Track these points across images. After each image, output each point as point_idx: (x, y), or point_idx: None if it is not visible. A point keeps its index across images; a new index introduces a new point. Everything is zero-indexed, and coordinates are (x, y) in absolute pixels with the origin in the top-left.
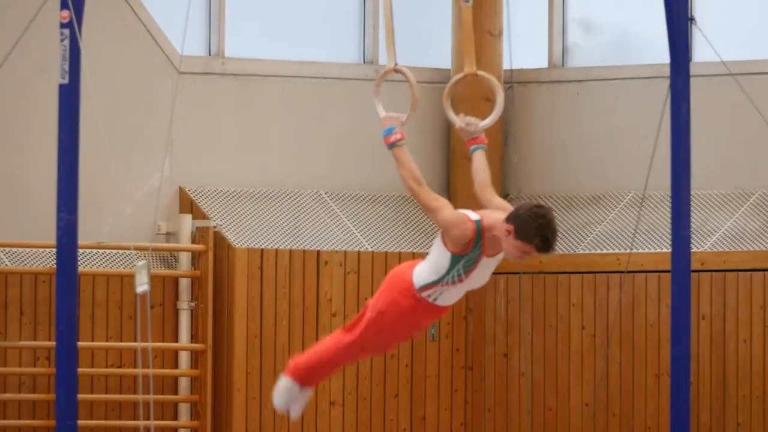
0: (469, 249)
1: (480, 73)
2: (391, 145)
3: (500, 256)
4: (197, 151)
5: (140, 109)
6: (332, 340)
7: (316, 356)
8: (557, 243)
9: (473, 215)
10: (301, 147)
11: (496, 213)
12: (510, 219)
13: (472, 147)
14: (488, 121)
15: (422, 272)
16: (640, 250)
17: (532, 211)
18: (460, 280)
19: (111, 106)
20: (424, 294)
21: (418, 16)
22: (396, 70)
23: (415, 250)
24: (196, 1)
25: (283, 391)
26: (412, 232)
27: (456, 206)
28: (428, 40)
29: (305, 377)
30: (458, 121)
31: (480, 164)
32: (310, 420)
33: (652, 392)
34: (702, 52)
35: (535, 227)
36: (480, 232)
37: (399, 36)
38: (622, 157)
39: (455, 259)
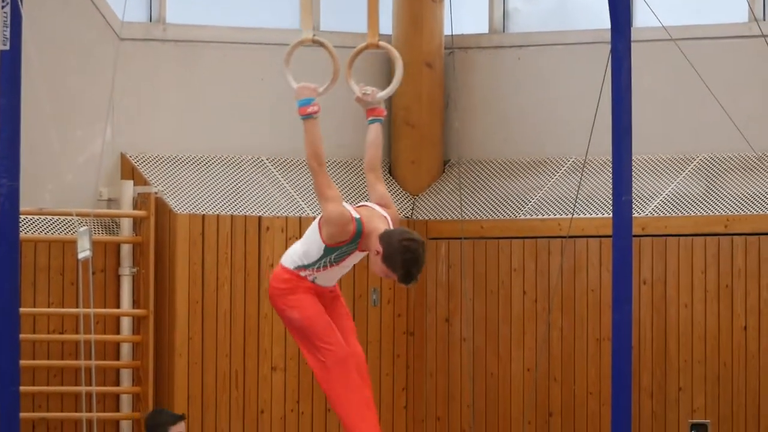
0: (342, 245)
1: (381, 44)
2: (307, 116)
3: None
4: (139, 118)
5: (81, 76)
6: (329, 391)
7: (350, 416)
8: (419, 275)
9: (356, 214)
10: (242, 113)
11: (378, 220)
12: (382, 240)
13: (369, 119)
14: (386, 92)
15: (295, 253)
16: (582, 216)
17: (403, 245)
18: (332, 266)
19: (52, 72)
20: (301, 273)
21: None
22: (314, 41)
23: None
24: None
25: None
26: (353, 197)
27: (396, 173)
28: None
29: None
30: (357, 90)
31: (374, 138)
32: (252, 385)
33: (593, 357)
34: (643, 17)
35: (402, 260)
36: (359, 233)
37: (339, 1)
38: (563, 123)
39: (328, 251)
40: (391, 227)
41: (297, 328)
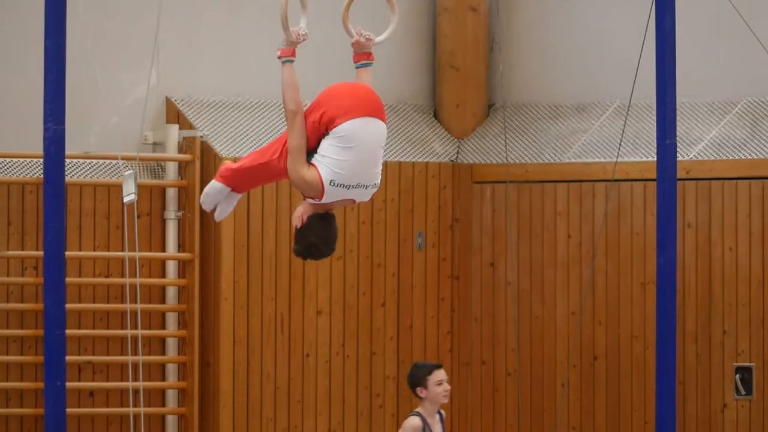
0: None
1: None
2: (279, 59)
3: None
4: (184, 61)
5: (126, 19)
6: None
7: (245, 165)
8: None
9: (318, 202)
10: None
11: (336, 207)
12: (311, 221)
13: (359, 62)
14: (383, 36)
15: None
16: (626, 159)
17: (310, 248)
18: None
19: (97, 15)
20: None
21: None
22: None
23: (401, 159)
24: None
25: (212, 192)
26: (399, 141)
27: (440, 117)
28: None
29: (235, 182)
30: (354, 34)
31: (369, 81)
32: (297, 329)
33: (638, 300)
34: None
35: (297, 249)
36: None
37: None
38: (608, 67)
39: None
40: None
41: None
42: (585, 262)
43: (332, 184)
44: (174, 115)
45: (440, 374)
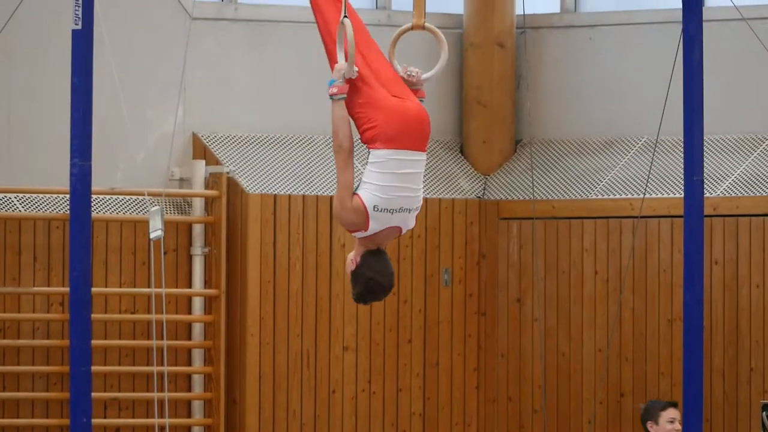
0: None
1: (427, 25)
2: (330, 97)
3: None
4: (210, 97)
5: (153, 55)
6: None
7: None
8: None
9: (363, 234)
10: (314, 92)
11: (383, 238)
12: (364, 260)
13: None
14: (431, 73)
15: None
16: (653, 195)
17: (371, 284)
18: None
19: (124, 51)
20: None
21: None
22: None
23: (428, 195)
24: None
25: None
26: (426, 177)
27: (467, 153)
28: None
29: None
30: (401, 71)
31: None
32: (324, 365)
33: (665, 337)
34: None
35: (361, 291)
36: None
37: None
38: (634, 103)
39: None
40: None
41: None
42: (612, 299)
43: (376, 209)
44: (201, 150)
45: (674, 412)
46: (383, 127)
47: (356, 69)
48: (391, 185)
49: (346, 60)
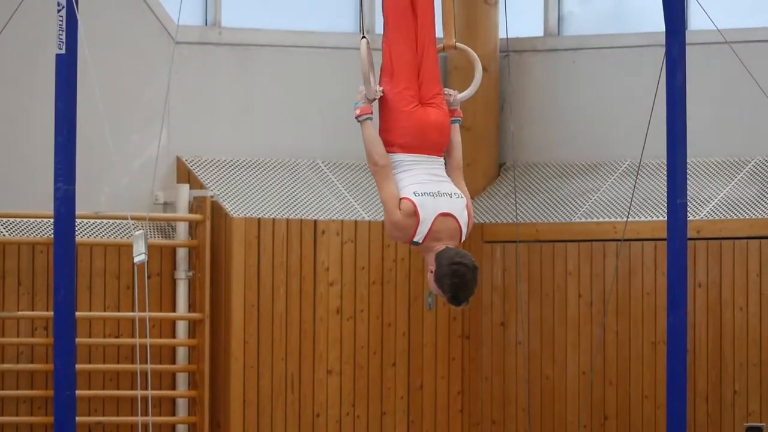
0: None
1: (459, 45)
2: (357, 119)
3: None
4: (194, 121)
5: (137, 79)
6: None
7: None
8: (469, 298)
9: (419, 233)
10: (298, 116)
11: (446, 237)
12: (437, 258)
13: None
14: (466, 93)
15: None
16: (637, 219)
17: (452, 268)
18: None
19: (108, 76)
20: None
21: None
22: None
23: None
24: None
25: None
26: None
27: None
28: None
29: None
30: None
31: (457, 139)
32: (308, 389)
33: (648, 360)
34: (697, 20)
35: (450, 284)
36: (416, 243)
37: None
38: (618, 126)
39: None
40: (464, 234)
41: None
42: (596, 322)
43: (416, 194)
44: (184, 174)
45: None
46: (401, 133)
47: (380, 89)
48: (419, 174)
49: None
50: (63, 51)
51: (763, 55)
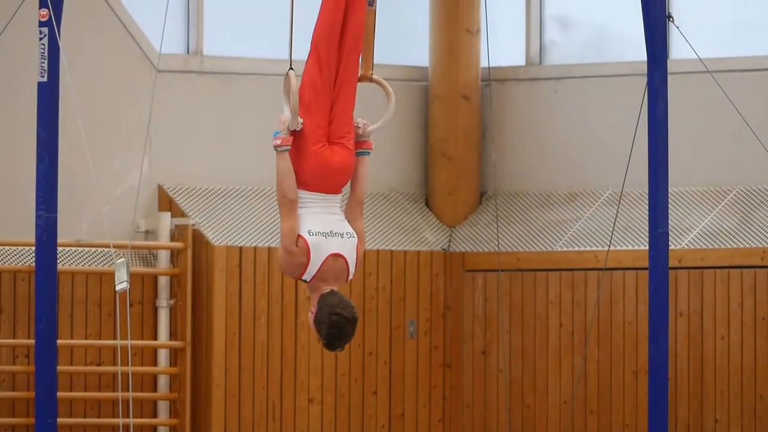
0: None
1: (374, 77)
2: (275, 149)
3: None
4: (176, 149)
5: (119, 107)
6: None
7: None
8: (344, 346)
9: (307, 272)
10: None
11: (333, 279)
12: (320, 302)
13: (356, 151)
14: (376, 125)
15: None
16: (618, 248)
17: (332, 318)
18: None
19: (89, 103)
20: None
21: (395, 13)
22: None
23: (393, 248)
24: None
25: None
26: (391, 229)
27: (432, 205)
28: (405, 37)
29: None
30: None
31: (364, 171)
32: (289, 417)
33: (630, 389)
34: (679, 49)
35: (327, 333)
36: (303, 280)
37: (377, 33)
38: (599, 155)
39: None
40: (350, 274)
41: None
42: (577, 351)
43: (311, 233)
44: (166, 203)
45: None
46: (299, 172)
47: (301, 121)
48: (313, 212)
49: (292, 111)
50: (45, 79)
51: (744, 85)
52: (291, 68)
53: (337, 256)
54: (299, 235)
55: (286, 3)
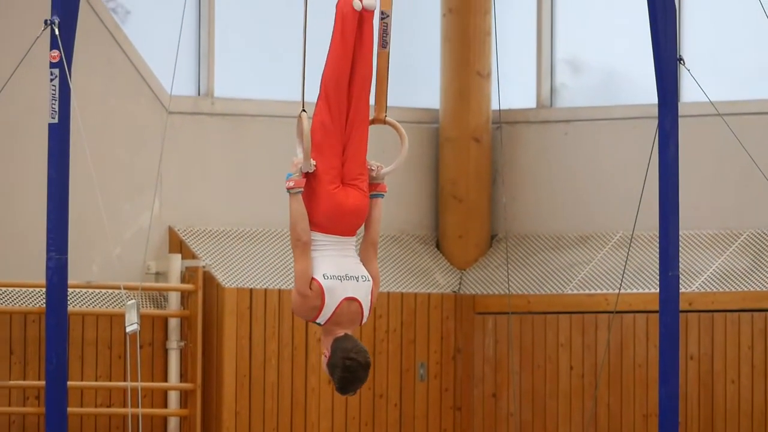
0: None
1: (388, 119)
2: (288, 191)
3: None
4: (187, 191)
5: (130, 149)
6: None
7: None
8: (357, 390)
9: (322, 316)
10: None
11: (347, 322)
12: (333, 346)
13: (370, 193)
14: (390, 167)
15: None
16: (629, 290)
17: (345, 363)
18: None
19: (100, 145)
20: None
21: (405, 56)
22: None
23: (404, 290)
24: (185, 41)
25: None
26: (402, 272)
27: (443, 247)
28: (416, 80)
29: None
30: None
31: (378, 214)
32: None
33: None
34: (690, 92)
35: (340, 377)
36: (317, 323)
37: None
38: (610, 198)
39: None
40: (365, 318)
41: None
42: (587, 394)
43: (326, 277)
44: (177, 244)
45: None
46: (313, 213)
47: (314, 163)
48: (328, 255)
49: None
50: (56, 120)
51: (755, 128)
52: (303, 110)
53: (351, 299)
54: (313, 279)
55: (297, 45)
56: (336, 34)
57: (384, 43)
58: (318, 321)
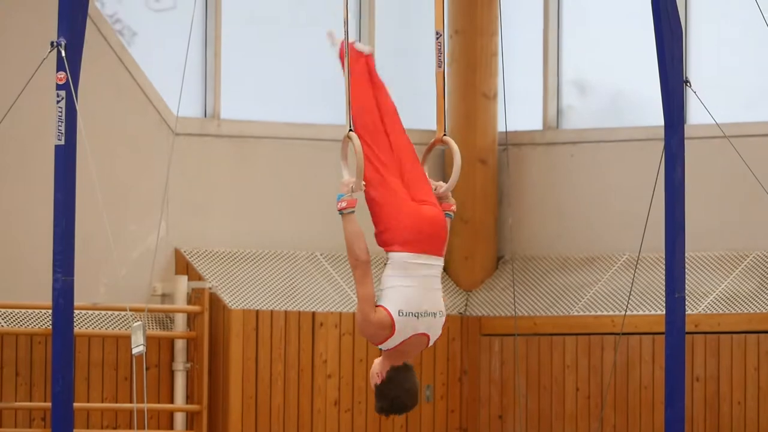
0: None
1: (445, 137)
2: (340, 212)
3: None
4: (193, 213)
5: (136, 171)
6: None
7: None
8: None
9: (390, 343)
10: (297, 208)
11: (411, 350)
12: (389, 375)
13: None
14: (450, 183)
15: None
16: (635, 312)
17: (394, 402)
18: None
19: (107, 167)
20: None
21: (411, 77)
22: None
23: None
24: (191, 63)
25: None
26: None
27: (449, 269)
28: (421, 102)
29: None
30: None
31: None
32: None
33: None
34: (696, 114)
35: (384, 408)
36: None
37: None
38: (616, 219)
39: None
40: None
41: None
42: (593, 416)
43: (401, 314)
44: (183, 266)
45: None
46: (400, 230)
47: (363, 184)
48: (412, 286)
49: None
50: (62, 142)
51: (761, 150)
52: (351, 129)
53: (422, 335)
54: (386, 311)
55: (304, 66)
56: (346, 77)
57: (439, 63)
58: (381, 347)
